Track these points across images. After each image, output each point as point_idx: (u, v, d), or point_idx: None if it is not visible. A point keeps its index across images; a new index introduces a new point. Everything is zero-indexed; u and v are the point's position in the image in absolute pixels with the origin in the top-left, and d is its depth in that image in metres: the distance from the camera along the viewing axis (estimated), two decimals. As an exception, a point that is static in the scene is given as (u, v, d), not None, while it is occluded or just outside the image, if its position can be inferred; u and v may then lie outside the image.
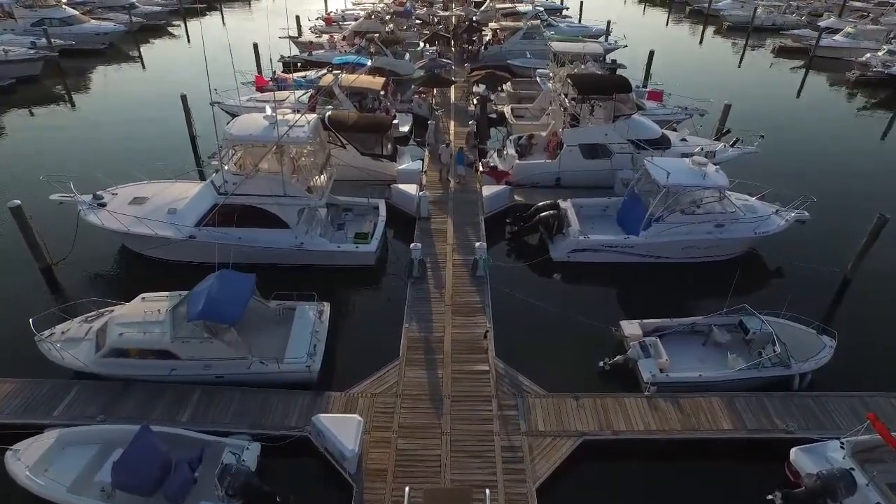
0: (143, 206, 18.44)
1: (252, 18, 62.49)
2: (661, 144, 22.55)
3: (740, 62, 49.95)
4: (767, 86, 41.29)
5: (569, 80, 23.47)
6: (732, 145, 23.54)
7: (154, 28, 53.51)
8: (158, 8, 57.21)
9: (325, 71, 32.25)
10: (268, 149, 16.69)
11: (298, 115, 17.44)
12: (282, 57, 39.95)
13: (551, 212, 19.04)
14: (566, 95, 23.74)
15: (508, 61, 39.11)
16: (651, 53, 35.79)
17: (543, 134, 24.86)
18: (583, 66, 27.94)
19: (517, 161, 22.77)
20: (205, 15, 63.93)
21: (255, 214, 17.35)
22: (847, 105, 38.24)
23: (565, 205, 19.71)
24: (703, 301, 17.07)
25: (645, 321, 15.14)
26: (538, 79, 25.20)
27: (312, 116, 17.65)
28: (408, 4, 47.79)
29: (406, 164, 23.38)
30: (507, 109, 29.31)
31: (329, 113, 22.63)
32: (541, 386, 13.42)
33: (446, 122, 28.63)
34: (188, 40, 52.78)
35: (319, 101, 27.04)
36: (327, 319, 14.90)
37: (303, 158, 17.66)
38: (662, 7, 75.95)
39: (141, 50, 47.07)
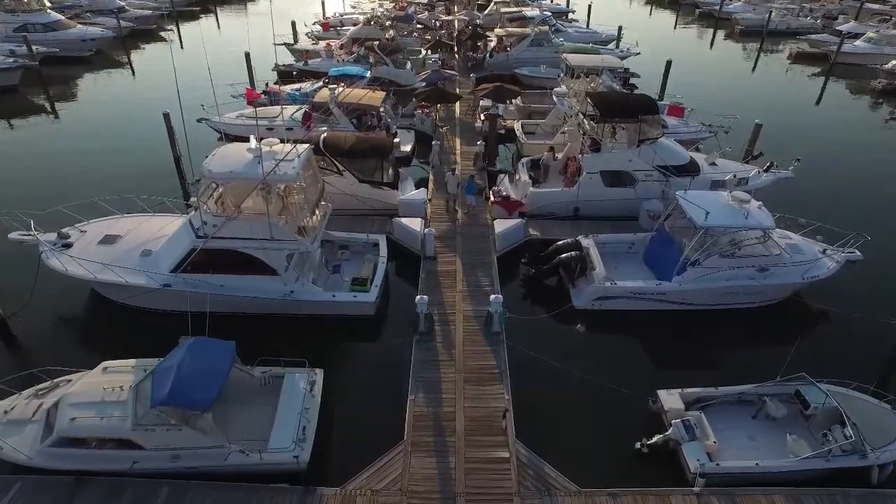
0: (115, 246, 16.39)
1: (248, 22, 60.30)
2: (689, 171, 20.48)
3: (754, 68, 47.88)
4: (786, 95, 39.17)
5: (588, 100, 21.38)
6: (766, 170, 21.44)
7: (145, 33, 51.31)
8: (149, 12, 55.02)
9: (320, 83, 30.19)
10: (251, 187, 14.60)
11: (287, 148, 15.33)
12: (276, 65, 37.82)
13: (573, 253, 16.97)
14: (584, 115, 21.66)
15: (516, 70, 37.04)
16: (668, 64, 33.64)
17: (559, 156, 22.78)
18: (599, 80, 25.86)
19: (531, 189, 20.68)
20: (199, 18, 61.84)
21: (238, 260, 15.28)
22: (875, 117, 36.08)
23: (587, 242, 17.64)
24: (745, 355, 15.24)
25: (686, 391, 13.09)
26: (554, 97, 23.09)
27: (303, 147, 15.55)
28: (409, 9, 45.64)
29: (409, 192, 21.30)
30: (516, 126, 27.20)
31: (325, 135, 20.52)
32: (570, 477, 11.36)
33: (451, 141, 26.52)
34: (181, 45, 50.64)
35: (314, 119, 25.05)
36: (319, 391, 12.83)
37: (293, 195, 15.59)
38: (670, 9, 73.73)
39: (129, 57, 44.96)
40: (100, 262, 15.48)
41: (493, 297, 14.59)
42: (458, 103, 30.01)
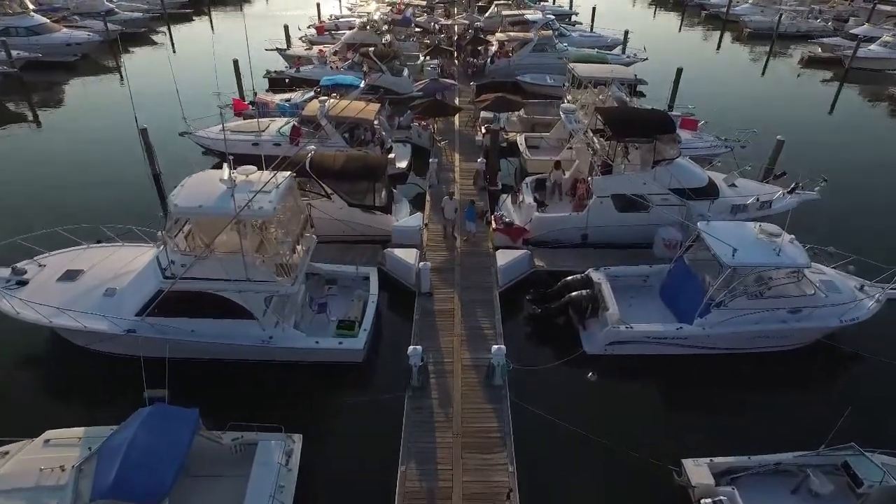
0: (76, 283, 14.79)
1: (241, 26, 58.63)
2: (708, 194, 18.85)
3: (763, 72, 46.22)
4: (800, 103, 37.50)
5: (598, 116, 19.74)
6: (790, 192, 19.78)
7: (134, 37, 49.57)
8: (140, 14, 53.33)
9: (311, 93, 28.56)
10: (224, 223, 12.96)
11: (265, 177, 13.66)
12: (268, 72, 36.21)
13: (583, 292, 15.31)
14: (594, 132, 20.01)
15: (518, 77, 35.42)
16: (679, 72, 31.92)
17: (566, 175, 21.14)
18: (607, 91, 24.21)
19: (536, 214, 19.04)
20: (192, 21, 60.15)
21: (211, 302, 13.66)
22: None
23: (598, 277, 16.00)
24: (778, 409, 13.58)
25: (714, 461, 11.44)
26: (562, 115, 21.43)
27: (283, 177, 13.89)
28: (407, 12, 43.97)
29: (404, 216, 19.69)
30: (519, 139, 25.56)
31: (311, 155, 18.87)
32: (586, 573, 9.77)
33: (450, 156, 24.86)
34: (173, 49, 49.02)
35: (303, 135, 23.42)
36: (297, 463, 11.17)
37: (271, 229, 13.95)
38: (675, 11, 71.93)
39: (118, 61, 43.27)
40: (56, 304, 13.89)
41: (494, 347, 12.94)
42: (457, 115, 28.27)
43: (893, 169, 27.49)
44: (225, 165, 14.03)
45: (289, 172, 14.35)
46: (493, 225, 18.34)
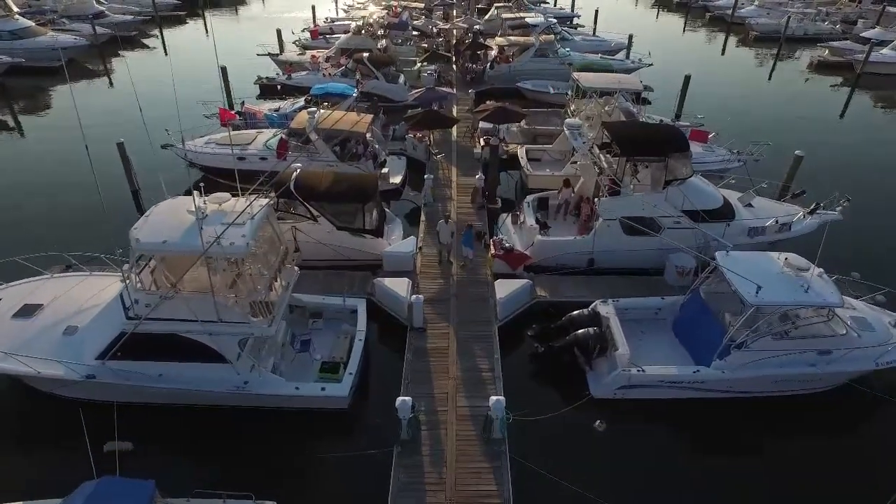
0: (34, 320, 13.46)
1: (238, 28, 57.37)
2: (723, 216, 17.52)
3: (770, 76, 44.90)
4: (811, 111, 36.06)
5: (604, 132, 18.40)
6: (811, 212, 18.45)
7: (124, 40, 48.17)
8: (130, 17, 51.87)
9: (301, 102, 27.24)
10: (191, 261, 11.63)
11: (239, 206, 12.35)
12: (259, 78, 34.85)
13: (590, 330, 13.96)
14: (601, 148, 18.67)
15: (518, 84, 34.07)
16: (686, 80, 30.53)
17: (572, 194, 19.82)
18: (614, 101, 22.90)
19: (538, 237, 17.71)
20: (185, 23, 58.76)
21: (180, 344, 12.34)
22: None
23: (606, 311, 14.67)
24: (805, 454, 12.53)
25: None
26: (566, 131, 20.07)
27: (259, 206, 12.52)
28: (404, 15, 42.61)
29: (396, 238, 18.41)
30: (520, 152, 24.23)
31: (297, 174, 17.52)
32: None
33: (447, 171, 23.51)
34: (165, 52, 47.69)
35: (292, 147, 22.09)
36: (268, 540, 9.90)
37: (247, 263, 12.62)
38: (678, 13, 70.51)
39: (107, 65, 41.97)
40: (8, 344, 12.59)
41: (493, 399, 11.58)
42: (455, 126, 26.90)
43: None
44: (195, 192, 12.72)
45: (266, 200, 12.99)
46: (493, 250, 16.97)
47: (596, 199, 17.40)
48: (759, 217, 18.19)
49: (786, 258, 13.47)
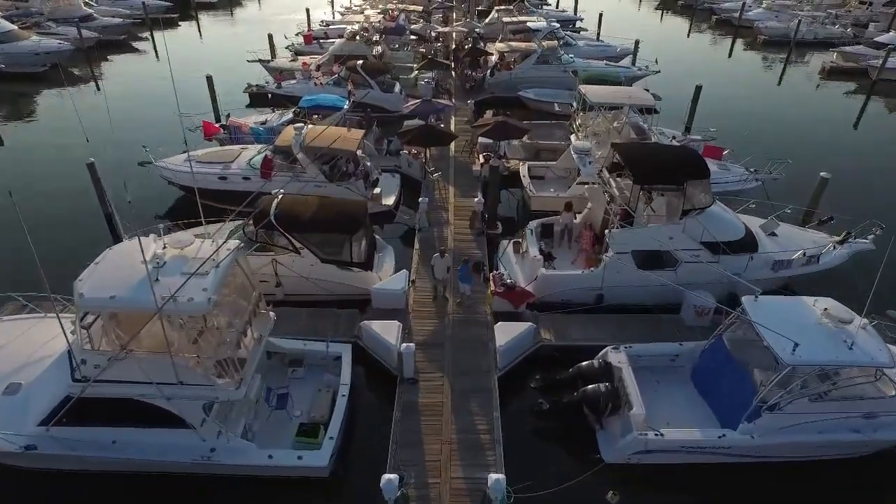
0: (-28, 374, 11.94)
1: (232, 31, 55.81)
2: (745, 247, 15.99)
3: (779, 81, 43.40)
4: (826, 120, 34.51)
5: (614, 154, 16.86)
6: (842, 242, 16.91)
7: (113, 44, 46.63)
8: (120, 20, 50.30)
9: (289, 114, 25.70)
10: (146, 319, 10.09)
11: (204, 250, 10.83)
12: (248, 86, 33.30)
13: (601, 387, 12.42)
14: (610, 171, 17.14)
15: (519, 93, 32.58)
16: (697, 90, 28.91)
17: (577, 219, 18.32)
18: (623, 116, 21.36)
19: (542, 271, 16.19)
20: (177, 26, 57.20)
21: (136, 408, 10.84)
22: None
23: (618, 361, 13.12)
24: None
25: None
26: (574, 155, 18.49)
27: (226, 251, 10.99)
28: (401, 19, 41.05)
29: (387, 270, 16.92)
30: (522, 170, 22.69)
31: (278, 202, 15.98)
32: None
33: (444, 192, 21.95)
34: (156, 56, 46.23)
35: (276, 167, 20.56)
36: None
37: (212, 316, 11.09)
38: (683, 15, 68.85)
39: (92, 70, 40.48)
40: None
41: (492, 477, 10.01)
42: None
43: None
44: (151, 236, 11.22)
45: (235, 243, 11.46)
46: (492, 286, 15.43)
47: (607, 231, 15.84)
48: (784, 247, 16.67)
49: (825, 307, 11.91)
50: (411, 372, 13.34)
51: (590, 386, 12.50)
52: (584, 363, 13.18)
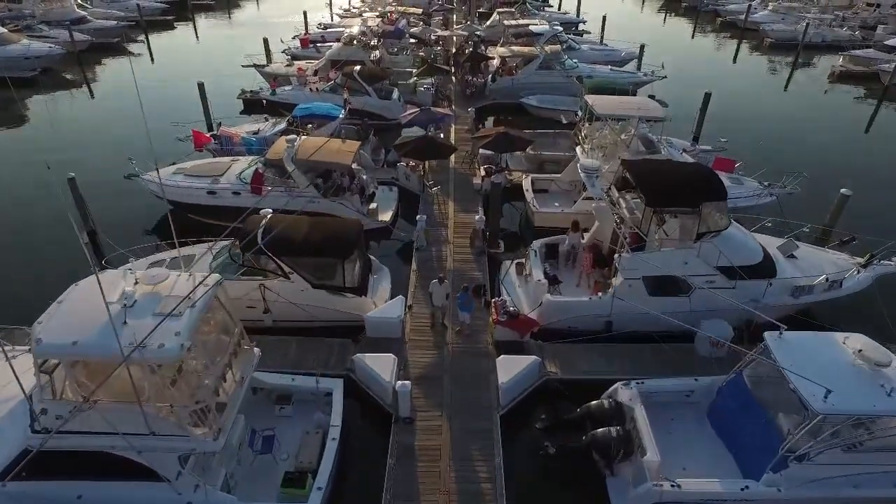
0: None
1: (230, 34, 54.79)
2: (764, 272, 14.99)
3: (786, 86, 42.42)
4: (838, 128, 33.49)
5: (623, 171, 15.88)
6: (866, 265, 15.92)
7: (106, 48, 45.66)
8: (114, 23, 49.34)
9: (283, 123, 24.76)
10: (110, 368, 9.11)
11: (180, 287, 9.87)
12: (242, 91, 32.38)
13: (612, 431, 11.44)
14: (619, 188, 16.18)
15: (522, 99, 31.64)
16: (707, 98, 27.89)
17: (585, 239, 17.35)
18: (631, 129, 20.37)
19: (547, 296, 15.22)
20: (173, 28, 56.27)
21: (103, 459, 9.89)
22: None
23: (629, 398, 12.14)
24: None
25: None
26: (582, 174, 17.49)
27: (204, 288, 10.01)
28: (400, 23, 40.07)
29: (382, 295, 15.97)
30: (525, 183, 21.70)
31: (267, 221, 15.00)
32: None
33: (443, 206, 20.98)
34: (151, 60, 45.31)
35: (267, 181, 19.58)
36: None
37: (187, 361, 10.14)
38: (687, 17, 67.74)
39: (86, 75, 39.57)
40: None
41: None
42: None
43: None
44: (122, 269, 10.27)
45: (215, 277, 10.50)
46: (494, 315, 14.46)
47: (617, 256, 14.86)
48: (804, 270, 15.69)
49: (858, 348, 10.90)
50: (407, 411, 12.38)
51: (599, 429, 11.53)
52: (593, 403, 12.21)
